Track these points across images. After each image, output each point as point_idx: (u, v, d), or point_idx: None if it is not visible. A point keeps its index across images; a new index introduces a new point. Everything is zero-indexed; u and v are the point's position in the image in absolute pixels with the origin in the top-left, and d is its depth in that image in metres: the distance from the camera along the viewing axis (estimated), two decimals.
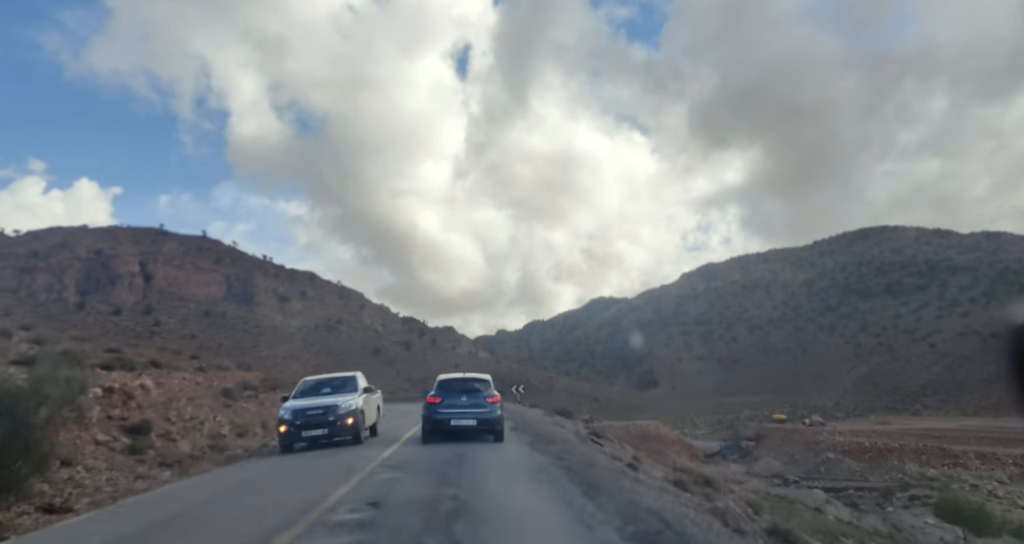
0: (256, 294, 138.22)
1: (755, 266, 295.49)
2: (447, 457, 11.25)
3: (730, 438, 64.61)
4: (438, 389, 13.89)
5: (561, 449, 13.68)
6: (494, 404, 13.65)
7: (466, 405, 13.43)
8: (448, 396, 13.60)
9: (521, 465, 11.10)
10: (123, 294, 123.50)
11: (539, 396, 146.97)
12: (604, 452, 16.13)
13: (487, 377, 14.86)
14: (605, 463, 12.60)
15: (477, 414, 13.36)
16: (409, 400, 41.98)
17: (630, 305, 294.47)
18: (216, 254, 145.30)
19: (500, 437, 13.67)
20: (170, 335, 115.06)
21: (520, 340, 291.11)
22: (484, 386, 14.04)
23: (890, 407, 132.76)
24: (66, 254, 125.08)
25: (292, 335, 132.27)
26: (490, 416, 13.40)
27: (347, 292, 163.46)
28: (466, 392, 13.68)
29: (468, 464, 10.50)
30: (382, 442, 15.24)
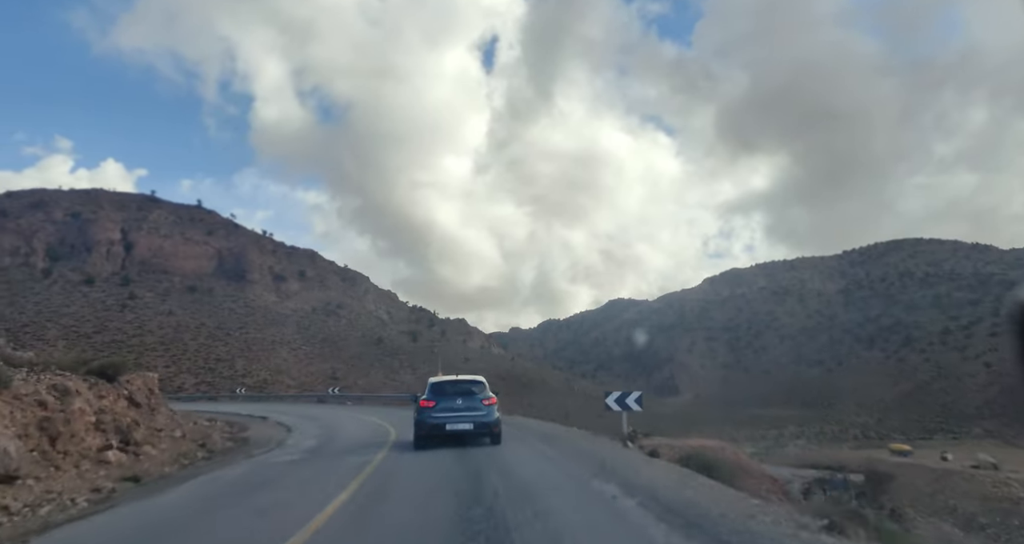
0: (249, 271, 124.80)
1: (782, 273, 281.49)
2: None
3: (827, 474, 49.29)
4: (431, 393, 13.11)
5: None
6: (491, 406, 13.07)
7: (461, 408, 12.80)
8: (442, 399, 12.92)
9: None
10: (99, 263, 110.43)
11: (557, 398, 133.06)
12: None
13: (482, 379, 14.03)
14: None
15: (474, 417, 12.76)
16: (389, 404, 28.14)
17: (650, 308, 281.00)
18: (209, 226, 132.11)
19: (498, 440, 13.13)
20: (144, 310, 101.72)
21: (534, 339, 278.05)
22: (479, 388, 13.33)
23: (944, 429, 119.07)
24: (39, 216, 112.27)
25: (285, 318, 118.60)
26: (487, 419, 12.83)
27: (351, 275, 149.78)
28: (461, 395, 13.01)
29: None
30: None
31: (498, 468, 10.32)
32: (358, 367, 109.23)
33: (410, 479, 9.96)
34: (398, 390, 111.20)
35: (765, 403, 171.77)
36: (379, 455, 12.61)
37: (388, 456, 12.52)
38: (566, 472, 10.78)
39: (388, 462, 11.68)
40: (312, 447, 15.96)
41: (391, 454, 12.81)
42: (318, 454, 14.32)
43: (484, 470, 10.01)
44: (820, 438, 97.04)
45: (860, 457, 51.67)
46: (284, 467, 12.31)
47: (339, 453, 14.30)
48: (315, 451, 14.99)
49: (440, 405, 12.92)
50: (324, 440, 17.75)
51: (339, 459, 12.87)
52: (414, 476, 10.22)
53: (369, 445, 14.97)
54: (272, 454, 14.79)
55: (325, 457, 13.67)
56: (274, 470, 11.90)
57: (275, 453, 15.00)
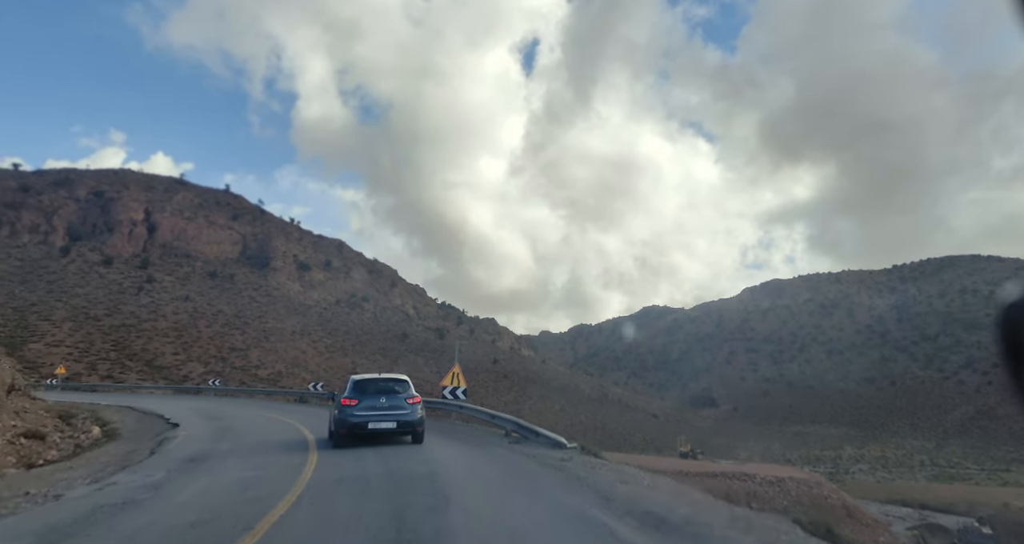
0: (273, 258, 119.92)
1: (826, 286, 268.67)
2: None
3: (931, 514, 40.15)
4: (353, 391, 12.51)
5: None
6: (415, 405, 12.64)
7: (385, 407, 12.34)
8: (365, 398, 12.37)
9: None
10: (120, 244, 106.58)
11: (590, 405, 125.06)
12: None
13: (406, 378, 13.57)
14: None
15: (397, 416, 12.33)
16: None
17: (687, 316, 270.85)
18: (235, 210, 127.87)
19: (420, 439, 12.75)
20: (161, 294, 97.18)
21: (564, 343, 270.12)
22: (403, 387, 12.96)
23: (1018, 460, 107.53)
24: (62, 193, 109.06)
25: (308, 308, 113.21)
26: (411, 418, 12.42)
27: (379, 267, 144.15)
28: (385, 393, 12.56)
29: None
30: None
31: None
32: (380, 363, 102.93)
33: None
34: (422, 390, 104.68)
35: (811, 420, 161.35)
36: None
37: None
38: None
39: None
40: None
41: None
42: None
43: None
44: (884, 464, 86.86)
45: (957, 493, 42.70)
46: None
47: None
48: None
49: (363, 403, 12.42)
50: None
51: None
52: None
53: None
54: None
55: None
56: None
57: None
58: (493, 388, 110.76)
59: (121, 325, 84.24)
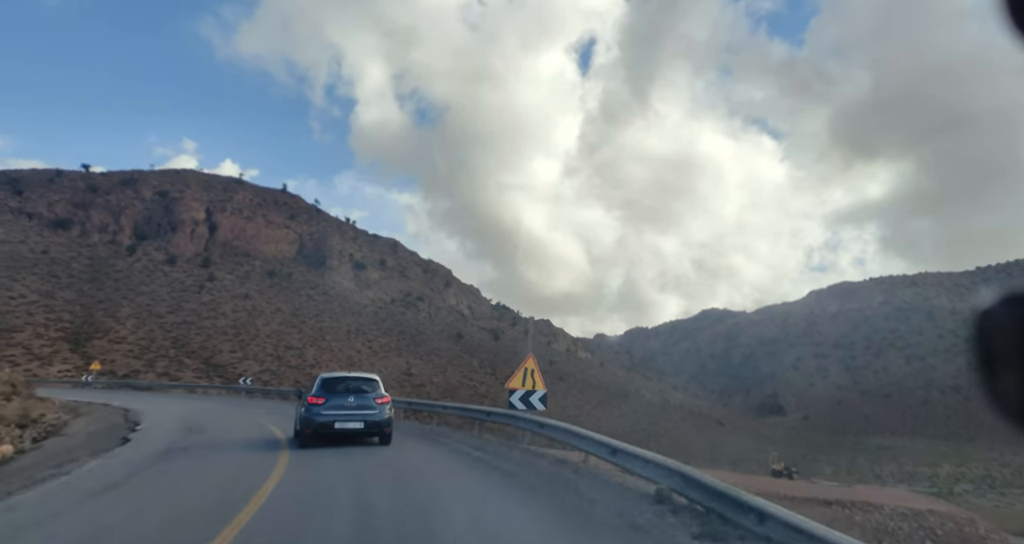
0: (329, 257, 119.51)
1: (901, 289, 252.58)
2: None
3: None
4: (320, 389, 12.16)
5: None
6: (383, 405, 12.35)
7: (353, 407, 12.02)
8: (332, 397, 12.02)
9: None
10: (182, 243, 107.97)
11: (652, 411, 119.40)
12: None
13: (375, 377, 13.10)
14: None
15: (365, 416, 12.04)
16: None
17: (748, 320, 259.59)
18: (292, 210, 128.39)
19: (387, 440, 12.37)
20: (222, 293, 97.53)
21: (620, 346, 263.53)
22: (372, 386, 12.60)
23: None
24: (128, 193, 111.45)
25: (363, 308, 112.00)
26: (379, 418, 12.15)
27: (433, 266, 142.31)
28: (353, 392, 12.21)
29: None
30: None
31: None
32: (435, 364, 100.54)
33: None
34: (476, 392, 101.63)
35: (891, 432, 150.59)
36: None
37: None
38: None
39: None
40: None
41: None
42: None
43: None
44: (991, 484, 78.07)
45: None
46: None
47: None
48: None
49: (330, 402, 11.99)
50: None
51: None
52: None
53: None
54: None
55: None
56: None
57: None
58: (550, 392, 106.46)
59: (182, 322, 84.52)
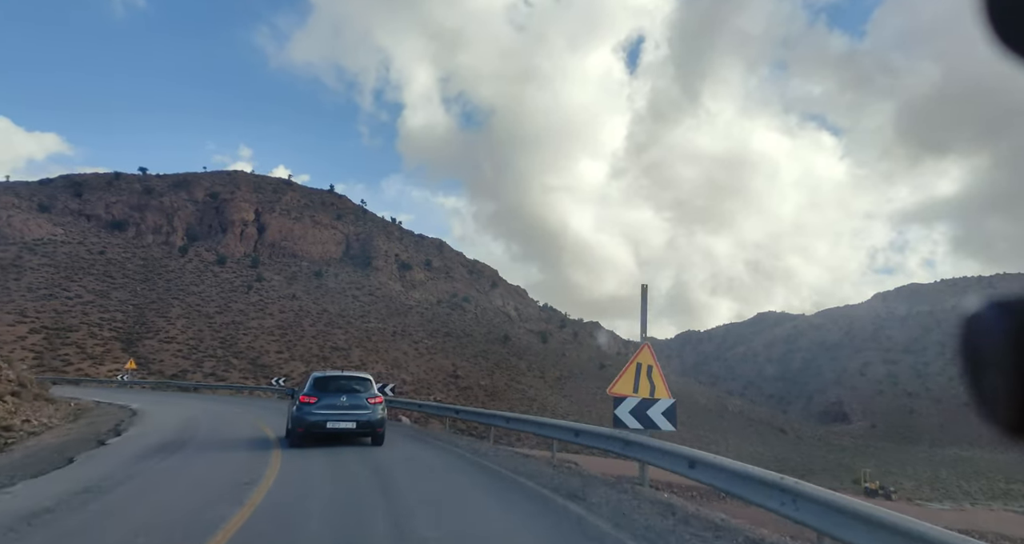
0: (375, 257, 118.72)
1: (977, 292, 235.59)
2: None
3: None
4: (313, 388, 12.03)
5: None
6: (376, 405, 12.19)
7: (346, 406, 11.84)
8: (325, 396, 11.87)
9: None
10: (232, 243, 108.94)
11: (710, 419, 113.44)
12: None
13: (368, 376, 13.17)
14: None
15: (357, 416, 11.85)
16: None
17: (808, 323, 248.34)
18: (339, 210, 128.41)
19: (380, 441, 12.20)
20: (269, 293, 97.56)
21: (671, 350, 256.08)
22: (365, 385, 12.53)
23: None
24: (181, 195, 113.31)
25: (409, 309, 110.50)
26: (371, 418, 11.97)
27: (479, 267, 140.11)
28: (345, 392, 12.06)
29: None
30: None
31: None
32: (481, 366, 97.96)
33: None
34: (524, 396, 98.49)
35: (969, 442, 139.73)
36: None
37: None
38: None
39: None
40: None
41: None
42: None
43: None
44: None
45: None
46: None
47: None
48: None
49: (322, 402, 11.78)
50: None
51: None
52: None
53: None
54: None
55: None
56: None
57: None
58: (602, 396, 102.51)
59: (230, 322, 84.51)
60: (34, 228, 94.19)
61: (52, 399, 20.18)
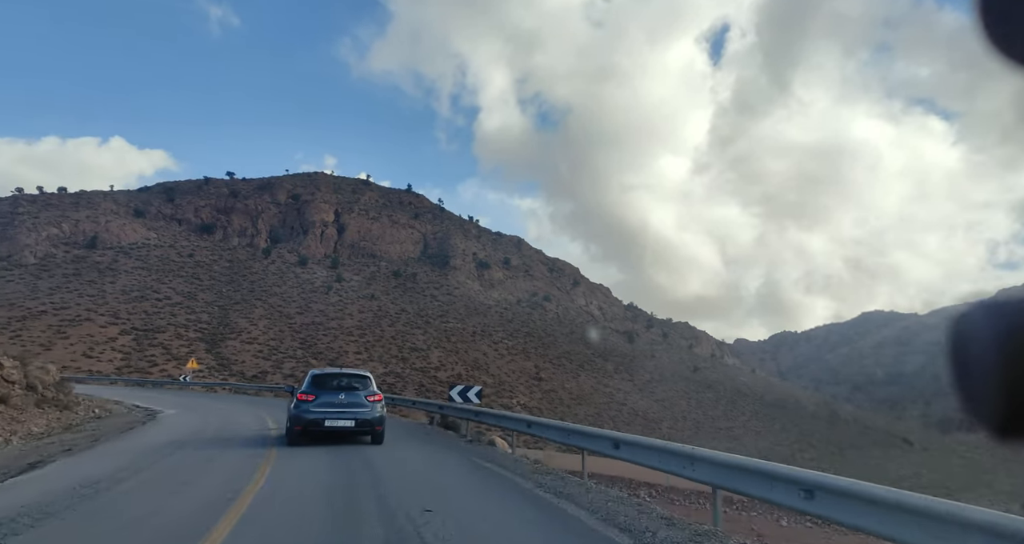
0: (453, 257, 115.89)
1: None
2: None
3: None
4: (311, 385, 11.87)
5: None
6: (375, 403, 11.93)
7: (344, 404, 11.66)
8: (323, 394, 11.69)
9: None
10: (313, 244, 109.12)
11: (819, 425, 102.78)
12: None
13: (367, 374, 12.77)
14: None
15: (356, 414, 11.64)
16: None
17: (921, 323, 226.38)
18: (416, 209, 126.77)
19: (379, 439, 11.89)
20: (348, 293, 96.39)
21: (764, 352, 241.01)
22: (364, 383, 12.28)
23: None
24: (264, 198, 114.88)
25: (488, 308, 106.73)
26: (370, 416, 11.71)
27: (559, 265, 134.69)
28: (344, 389, 11.91)
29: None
30: None
31: None
32: (565, 368, 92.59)
33: None
34: (613, 400, 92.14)
35: None
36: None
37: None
38: None
39: None
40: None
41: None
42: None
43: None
44: None
45: None
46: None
47: None
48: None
49: (320, 399, 11.56)
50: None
51: None
52: None
53: None
54: None
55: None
56: None
57: None
58: (697, 400, 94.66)
59: (311, 323, 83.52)
60: (129, 233, 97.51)
61: (68, 404, 16.82)
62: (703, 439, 78.26)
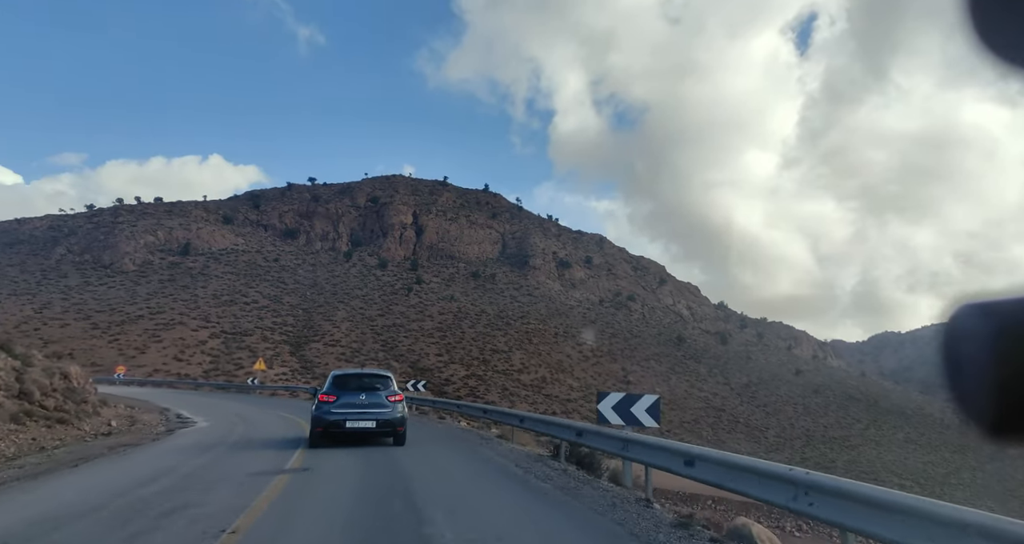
0: (532, 256, 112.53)
1: None
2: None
3: None
4: (332, 386, 11.74)
5: None
6: (396, 403, 11.78)
7: (365, 404, 11.51)
8: (344, 394, 11.54)
9: None
10: (392, 247, 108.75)
11: (947, 436, 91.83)
12: None
13: (388, 373, 12.69)
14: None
15: (377, 415, 11.45)
16: None
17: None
18: (494, 209, 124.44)
19: (401, 440, 11.72)
20: (428, 295, 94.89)
21: (864, 354, 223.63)
22: (385, 383, 12.12)
23: None
24: (345, 201, 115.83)
25: (570, 309, 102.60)
26: (391, 416, 11.56)
27: (644, 263, 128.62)
28: (364, 390, 11.73)
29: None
30: None
31: None
32: (654, 371, 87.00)
33: None
34: (709, 405, 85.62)
35: None
36: None
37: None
38: None
39: None
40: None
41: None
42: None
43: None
44: None
45: None
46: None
47: None
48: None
49: (341, 400, 11.40)
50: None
51: None
52: None
53: None
54: None
55: None
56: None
57: None
58: (804, 406, 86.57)
59: (391, 325, 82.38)
60: (219, 239, 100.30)
61: (73, 416, 14.38)
62: (818, 450, 70.84)
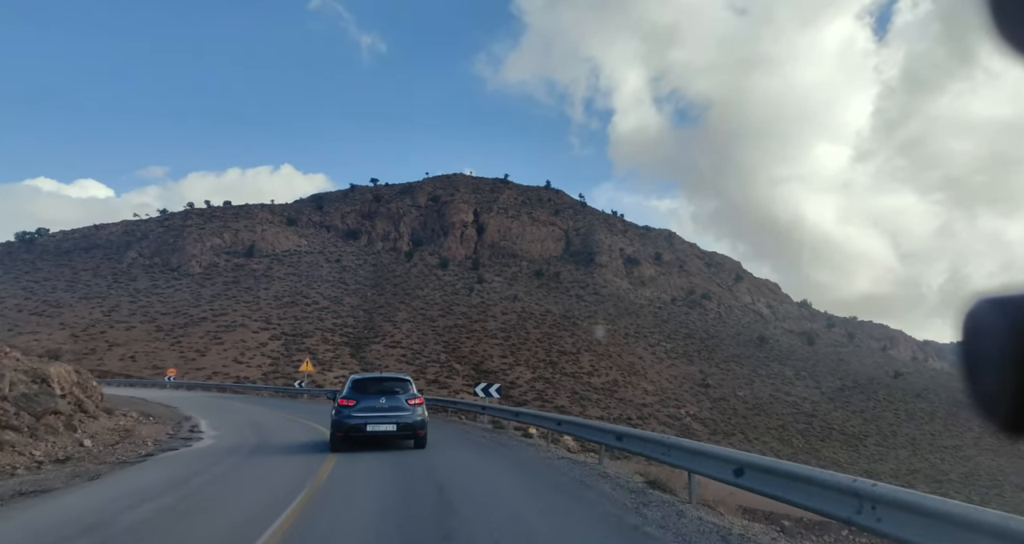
0: (598, 253, 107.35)
1: None
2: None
3: None
4: (351, 390, 11.84)
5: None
6: (416, 406, 11.82)
7: (385, 408, 11.58)
8: (364, 398, 11.65)
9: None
10: (453, 246, 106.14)
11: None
12: None
13: (407, 377, 12.87)
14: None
15: (397, 418, 11.51)
16: None
17: None
18: (556, 206, 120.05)
19: (422, 443, 11.82)
20: (490, 295, 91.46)
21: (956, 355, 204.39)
22: (405, 387, 12.20)
23: None
24: (406, 201, 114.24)
25: (640, 308, 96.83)
26: (411, 420, 11.60)
27: (717, 259, 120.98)
28: (384, 394, 11.82)
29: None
30: None
31: None
32: (735, 373, 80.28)
33: None
34: (798, 410, 78.21)
35: None
36: None
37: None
38: None
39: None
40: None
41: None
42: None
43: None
44: None
45: None
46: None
47: None
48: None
49: (361, 404, 11.47)
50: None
51: None
52: None
53: None
54: None
55: None
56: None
57: None
58: (906, 412, 77.68)
59: (453, 326, 79.36)
60: (283, 240, 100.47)
61: (36, 432, 11.13)
62: (927, 460, 62.64)
